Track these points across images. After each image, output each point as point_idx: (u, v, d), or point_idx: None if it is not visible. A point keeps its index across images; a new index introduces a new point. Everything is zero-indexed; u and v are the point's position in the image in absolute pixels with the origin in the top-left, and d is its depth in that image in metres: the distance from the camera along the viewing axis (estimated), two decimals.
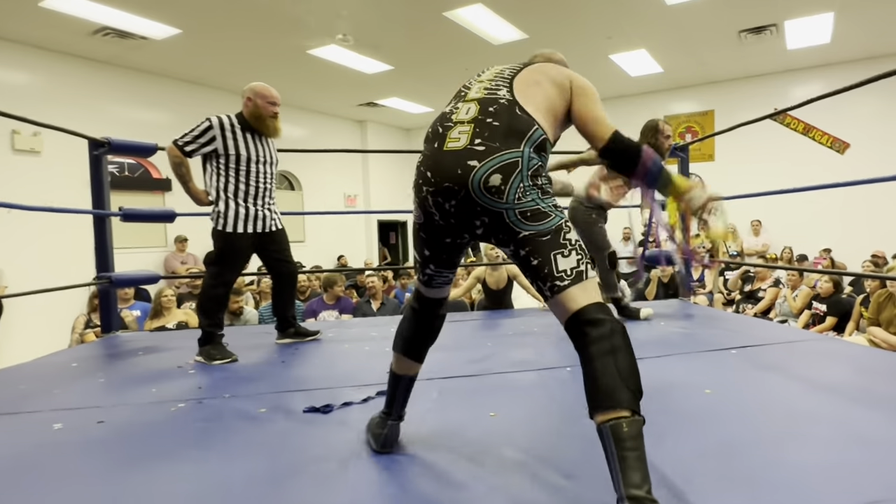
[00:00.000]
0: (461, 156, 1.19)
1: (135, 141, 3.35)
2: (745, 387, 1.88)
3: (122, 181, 7.36)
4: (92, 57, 6.87)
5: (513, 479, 1.25)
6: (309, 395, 1.92)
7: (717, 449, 1.37)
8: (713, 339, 2.65)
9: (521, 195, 1.17)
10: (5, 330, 5.83)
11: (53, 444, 1.56)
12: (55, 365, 2.55)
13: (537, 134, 1.24)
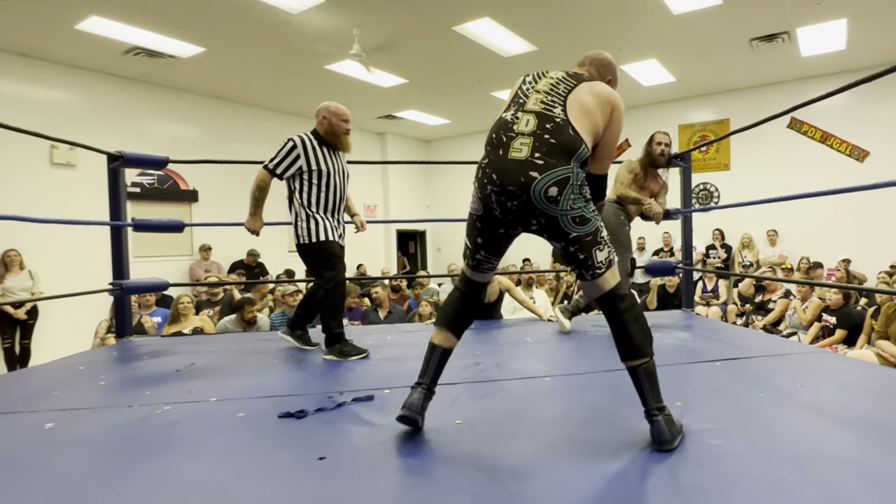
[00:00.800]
0: (524, 165, 1.44)
1: (147, 154, 3.46)
2: (717, 399, 1.84)
3: (153, 192, 7.59)
4: (124, 75, 7.13)
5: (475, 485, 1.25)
6: (288, 400, 1.95)
7: (673, 460, 1.34)
8: (702, 351, 2.60)
9: (572, 204, 1.45)
10: (41, 332, 6.07)
11: (41, 442, 1.61)
12: (65, 367, 2.65)
13: (584, 152, 1.50)
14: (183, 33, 5.87)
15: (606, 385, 2.06)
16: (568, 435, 1.56)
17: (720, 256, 7.98)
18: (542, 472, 1.30)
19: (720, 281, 6.96)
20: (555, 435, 1.56)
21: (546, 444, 1.49)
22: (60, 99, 6.66)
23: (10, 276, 5.78)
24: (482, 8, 5.49)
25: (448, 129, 10.79)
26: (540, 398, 1.94)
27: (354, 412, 1.81)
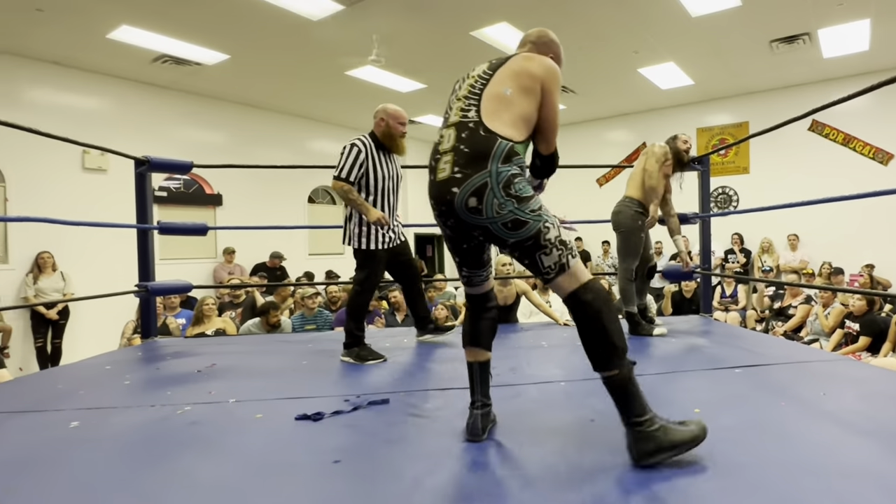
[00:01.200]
0: (448, 184, 1.41)
1: (172, 159, 3.50)
2: (736, 407, 1.79)
3: (179, 196, 7.72)
4: (152, 82, 7.27)
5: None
6: (305, 402, 1.95)
7: (688, 469, 1.30)
8: (721, 357, 2.53)
9: (498, 209, 1.35)
10: (72, 332, 6.21)
11: (66, 440, 1.64)
12: (92, 367, 2.69)
13: (501, 147, 1.39)
14: (209, 41, 5.97)
15: None
16: (580, 440, 1.52)
17: (739, 261, 7.81)
18: (552, 478, 1.27)
19: (739, 286, 6.81)
20: (567, 440, 1.53)
21: (557, 449, 1.46)
22: (92, 106, 6.81)
23: (43, 278, 5.92)
24: (499, 13, 5.47)
25: None
26: (554, 403, 1.90)
27: (370, 415, 1.80)
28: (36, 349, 5.92)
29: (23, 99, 6.18)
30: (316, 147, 9.43)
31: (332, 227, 3.99)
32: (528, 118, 1.49)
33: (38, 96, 6.33)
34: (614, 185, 9.50)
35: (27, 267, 6.01)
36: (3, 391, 2.41)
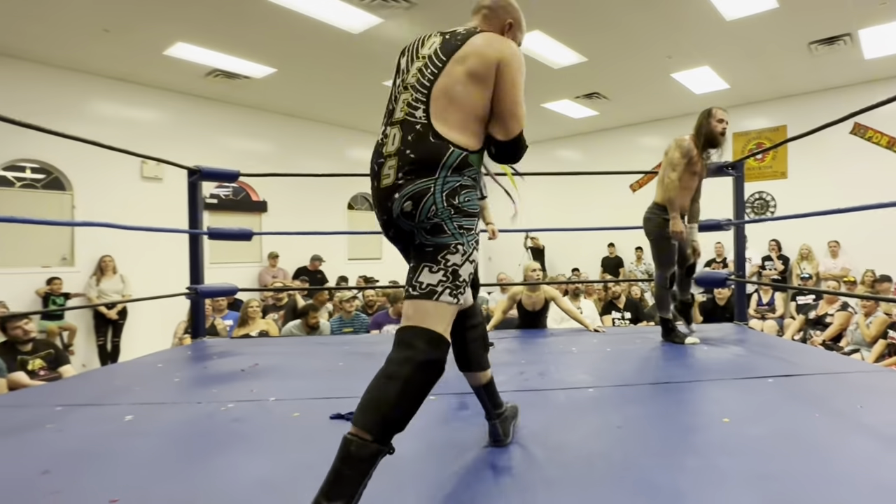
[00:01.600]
0: (391, 191, 1.25)
1: (221, 168, 3.62)
2: (768, 417, 1.72)
3: (228, 203, 7.97)
4: (205, 95, 7.54)
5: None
6: (344, 402, 1.98)
7: (711, 478, 1.27)
8: (753, 366, 2.45)
9: (432, 216, 1.21)
10: (130, 331, 6.49)
11: (121, 432, 1.72)
12: (146, 365, 2.81)
13: (453, 157, 1.23)
14: (257, 55, 6.16)
15: (650, 398, 1.98)
16: (604, 447, 1.50)
17: (777, 268, 7.50)
18: (574, 482, 1.26)
19: (776, 294, 6.54)
20: (591, 446, 1.51)
21: (582, 455, 1.44)
22: (150, 118, 7.12)
23: (105, 280, 6.22)
24: (533, 21, 5.43)
25: None
26: (581, 409, 1.88)
27: None
28: (97, 347, 6.22)
29: (89, 113, 6.51)
30: (355, 155, 9.58)
31: (370, 234, 4.06)
32: (480, 114, 1.29)
33: (103, 110, 6.66)
34: (647, 191, 9.29)
35: (91, 270, 6.33)
36: (67, 386, 2.55)
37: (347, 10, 5.03)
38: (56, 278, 5.90)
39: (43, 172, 6.26)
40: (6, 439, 1.68)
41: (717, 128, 2.93)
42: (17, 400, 2.25)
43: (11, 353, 3.43)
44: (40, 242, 6.16)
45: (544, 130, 10.03)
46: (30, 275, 5.94)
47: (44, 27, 5.22)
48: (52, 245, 6.27)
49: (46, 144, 5.83)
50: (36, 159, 6.15)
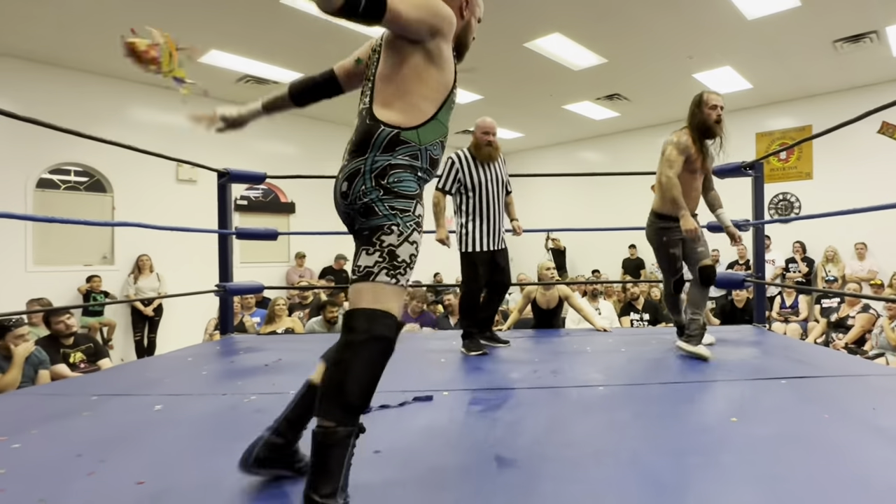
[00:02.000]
0: (338, 175, 1.27)
1: (249, 171, 3.71)
2: (776, 418, 1.70)
3: (258, 205, 8.15)
4: (236, 101, 7.69)
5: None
6: None
7: (714, 476, 1.27)
8: (767, 368, 2.41)
9: (361, 196, 1.19)
10: (165, 327, 6.70)
11: (150, 421, 1.80)
12: (177, 358, 2.91)
13: (382, 136, 1.21)
14: (284, 61, 6.30)
15: (660, 397, 1.97)
16: (611, 443, 1.50)
17: (801, 270, 7.29)
18: (580, 477, 1.27)
19: (801, 296, 6.36)
20: (599, 442, 1.51)
21: (589, 451, 1.45)
22: (186, 123, 7.30)
23: (142, 278, 6.44)
24: (552, 24, 5.43)
25: (521, 142, 10.72)
26: (591, 406, 1.88)
27: (414, 411, 1.85)
28: (135, 342, 6.44)
29: (128, 118, 6.75)
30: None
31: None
32: (420, 76, 1.24)
33: (141, 116, 6.89)
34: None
35: (129, 268, 6.55)
36: (104, 377, 2.66)
37: None
38: (95, 276, 6.13)
39: (86, 175, 6.51)
40: (46, 425, 1.77)
41: (711, 116, 2.62)
42: (58, 389, 2.37)
43: (54, 346, 3.59)
44: (83, 242, 6.41)
45: (566, 132, 9.96)
46: (73, 272, 6.19)
47: (87, 37, 5.44)
48: (94, 244, 6.52)
49: (89, 149, 6.05)
50: (79, 163, 6.40)
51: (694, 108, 2.68)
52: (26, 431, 1.69)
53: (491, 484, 1.27)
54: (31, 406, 2.04)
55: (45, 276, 5.94)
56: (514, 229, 3.15)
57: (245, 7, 4.89)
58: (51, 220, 2.51)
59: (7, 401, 2.21)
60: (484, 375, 2.38)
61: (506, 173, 3.01)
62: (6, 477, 1.33)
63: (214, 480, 1.31)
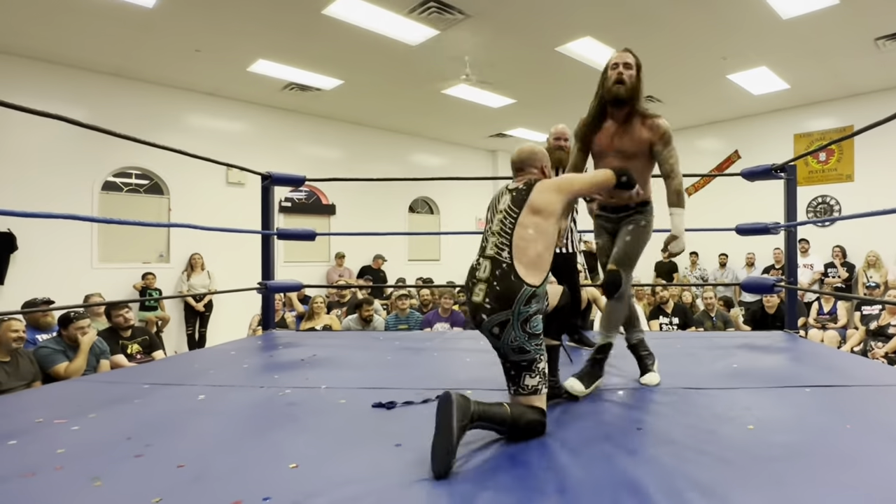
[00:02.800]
0: (480, 308, 1.63)
1: (290, 174, 3.83)
2: (795, 425, 1.65)
3: (300, 206, 8.37)
4: (281, 107, 7.97)
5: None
6: (386, 392, 2.08)
7: (722, 478, 1.25)
8: (793, 375, 2.33)
9: (513, 339, 1.60)
10: (215, 321, 6.97)
11: (194, 410, 1.90)
12: (221, 352, 3.05)
13: (526, 294, 1.59)
14: (327, 69, 6.46)
15: (678, 402, 1.93)
16: (624, 446, 1.49)
17: (840, 276, 6.92)
18: (590, 480, 1.27)
19: (839, 303, 6.05)
20: (611, 445, 1.50)
21: (601, 453, 1.45)
22: (235, 129, 7.61)
23: (194, 275, 6.72)
24: (583, 28, 5.37)
25: None
26: (607, 409, 1.87)
27: (435, 408, 1.88)
28: (187, 336, 6.74)
29: (182, 125, 7.06)
30: (416, 160, 9.77)
31: (429, 234, 4.16)
32: (547, 256, 1.67)
33: (194, 122, 7.20)
34: (704, 195, 8.86)
35: (183, 266, 6.86)
36: (156, 367, 2.82)
37: (406, 23, 5.17)
38: (150, 273, 6.45)
39: (145, 178, 6.85)
40: (102, 409, 1.90)
41: (610, 78, 2.09)
42: (115, 378, 2.52)
43: (114, 337, 3.81)
44: (142, 241, 6.75)
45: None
46: (133, 269, 6.53)
47: (146, 50, 5.74)
48: (152, 243, 6.86)
49: (148, 154, 6.39)
50: (139, 167, 6.74)
51: (600, 80, 2.16)
52: (85, 415, 1.82)
53: (504, 482, 1.29)
54: (91, 392, 2.19)
55: (108, 273, 6.30)
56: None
57: (289, 18, 5.04)
58: (110, 222, 2.68)
59: (71, 387, 2.37)
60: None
61: None
62: (64, 456, 1.44)
63: (247, 465, 1.37)
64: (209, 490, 1.22)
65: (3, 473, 1.32)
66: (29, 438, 1.60)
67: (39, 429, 1.69)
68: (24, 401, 2.11)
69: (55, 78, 5.98)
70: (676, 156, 2.19)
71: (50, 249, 5.90)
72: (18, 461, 1.41)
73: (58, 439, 1.58)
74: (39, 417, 1.79)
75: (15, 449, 1.51)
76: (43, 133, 5.86)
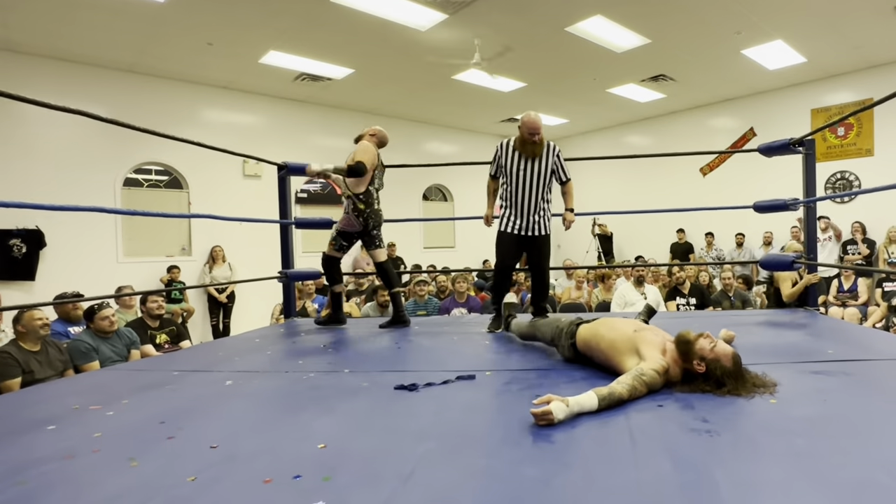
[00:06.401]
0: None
1: (305, 164, 3.83)
2: (817, 400, 1.62)
3: (316, 197, 8.41)
4: (293, 98, 7.97)
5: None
6: (408, 375, 2.09)
7: (745, 454, 1.24)
8: (814, 350, 2.29)
9: None
10: (238, 312, 7.07)
11: (222, 394, 1.93)
12: (245, 340, 3.10)
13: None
14: (337, 58, 6.43)
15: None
16: (643, 423, 1.48)
17: (861, 252, 6.75)
18: (611, 456, 1.27)
19: (860, 280, 5.92)
20: (632, 422, 1.50)
21: (622, 430, 1.44)
22: (250, 121, 7.64)
23: (216, 268, 6.82)
24: (593, 6, 5.25)
25: (566, 128, 10.48)
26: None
27: (457, 389, 1.90)
28: (211, 326, 6.85)
29: (198, 119, 7.11)
30: (429, 148, 9.73)
31: (443, 220, 4.14)
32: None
33: (211, 116, 7.24)
34: (718, 174, 8.69)
35: (205, 259, 6.95)
36: (183, 355, 2.88)
37: (414, 7, 5.11)
38: (175, 267, 6.55)
39: (165, 174, 6.93)
40: (135, 395, 1.94)
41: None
42: (145, 366, 2.59)
43: (143, 328, 3.90)
44: (164, 235, 6.85)
45: (610, 116, 9.65)
46: (157, 263, 6.64)
47: (157, 44, 5.75)
48: (174, 237, 6.96)
49: (167, 149, 6.46)
50: (159, 162, 6.82)
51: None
52: (118, 401, 1.87)
53: (524, 454, 1.30)
54: (122, 380, 2.25)
55: (133, 267, 6.42)
56: (563, 219, 3.09)
57: (298, 6, 5.01)
58: (135, 214, 2.72)
59: (103, 375, 2.44)
60: (528, 356, 2.39)
61: (555, 163, 2.97)
62: (101, 439, 1.48)
63: (274, 445, 1.40)
64: (241, 469, 1.25)
65: (44, 455, 1.37)
66: (67, 423, 1.64)
67: (76, 415, 1.74)
68: (60, 389, 2.17)
69: (70, 76, 6.03)
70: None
71: (76, 245, 6.03)
72: (58, 444, 1.45)
73: (94, 424, 1.62)
74: (75, 404, 1.84)
75: (54, 433, 1.56)
76: (63, 132, 5.95)
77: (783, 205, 3.20)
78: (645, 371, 1.69)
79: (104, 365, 3.36)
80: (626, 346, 1.86)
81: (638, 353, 1.80)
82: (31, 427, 1.62)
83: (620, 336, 1.89)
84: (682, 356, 1.77)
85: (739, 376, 1.72)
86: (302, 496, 1.10)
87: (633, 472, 1.18)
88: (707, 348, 1.73)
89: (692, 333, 1.79)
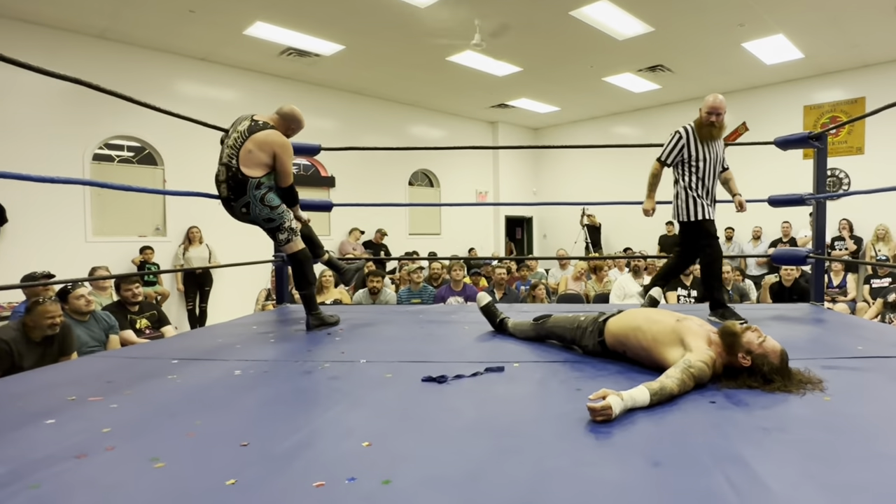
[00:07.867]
0: (227, 201, 2.70)
1: (303, 143, 3.68)
2: (866, 398, 1.61)
3: (300, 179, 8.13)
4: (278, 74, 7.69)
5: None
6: (430, 366, 2.01)
7: (825, 456, 1.19)
8: (839, 346, 2.30)
9: (259, 213, 2.61)
10: (216, 296, 6.84)
11: (232, 385, 1.81)
12: (242, 326, 2.95)
13: (252, 183, 2.58)
14: (327, 33, 6.20)
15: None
16: (697, 423, 1.44)
17: (849, 248, 6.95)
18: (645, 443, 1.22)
19: (849, 275, 6.09)
20: (674, 415, 1.45)
21: (663, 420, 1.39)
22: (230, 97, 7.33)
23: (192, 248, 6.55)
24: None
25: (557, 116, 10.44)
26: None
27: (489, 381, 1.82)
28: (187, 311, 6.60)
29: (175, 92, 6.78)
30: (415, 132, 9.57)
31: (435, 205, 4.04)
32: (270, 166, 2.63)
33: (187, 89, 6.91)
34: None
35: (180, 239, 6.67)
36: (177, 342, 2.71)
37: None
38: (148, 247, 6.26)
39: (138, 150, 6.60)
40: (136, 386, 1.80)
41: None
42: (138, 353, 2.42)
43: (122, 312, 3.69)
44: (137, 214, 6.54)
45: (602, 106, 9.66)
46: (128, 243, 6.34)
47: (133, 9, 5.41)
48: (147, 216, 6.65)
49: (140, 122, 6.13)
50: (131, 135, 6.47)
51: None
52: (119, 392, 1.72)
53: (591, 452, 1.23)
54: (116, 369, 2.09)
55: (104, 247, 6.11)
56: (737, 204, 3.02)
57: None
58: (108, 186, 2.58)
59: (94, 363, 2.26)
60: (549, 348, 2.33)
61: (722, 149, 2.98)
62: (112, 435, 1.35)
63: (315, 444, 1.29)
64: (283, 470, 1.14)
65: (52, 454, 1.23)
66: (67, 417, 1.50)
67: (75, 407, 1.59)
68: (48, 377, 2.00)
69: (31, 39, 5.63)
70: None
71: (40, 222, 5.69)
72: (64, 441, 1.31)
73: (98, 418, 1.48)
74: (71, 395, 1.69)
75: (55, 428, 1.41)
76: (25, 102, 5.58)
77: (799, 199, 3.22)
78: (693, 363, 1.64)
79: (81, 351, 3.17)
80: (670, 337, 1.80)
81: (683, 343, 1.75)
82: (27, 420, 1.47)
83: (663, 328, 1.84)
84: (727, 349, 1.73)
85: (787, 372, 1.69)
86: (366, 502, 1.00)
87: (711, 475, 1.12)
88: (755, 342, 1.69)
89: (738, 325, 1.75)
